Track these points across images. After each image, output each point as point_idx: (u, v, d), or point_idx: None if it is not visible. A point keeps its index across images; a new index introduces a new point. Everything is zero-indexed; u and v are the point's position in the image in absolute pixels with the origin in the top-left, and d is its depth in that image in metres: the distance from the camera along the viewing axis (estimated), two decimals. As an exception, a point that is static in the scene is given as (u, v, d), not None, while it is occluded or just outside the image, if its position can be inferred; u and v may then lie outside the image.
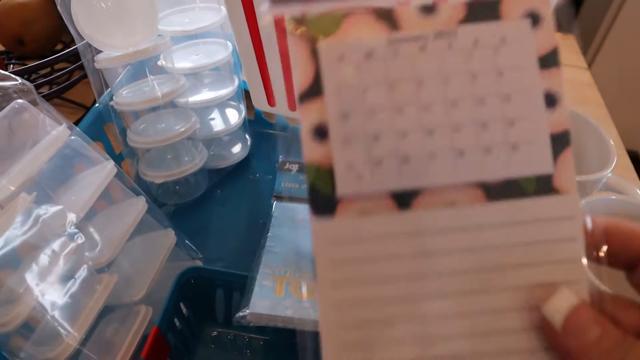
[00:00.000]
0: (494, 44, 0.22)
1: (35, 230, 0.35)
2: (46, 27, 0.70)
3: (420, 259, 0.22)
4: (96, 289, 0.38)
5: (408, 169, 0.21)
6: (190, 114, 0.53)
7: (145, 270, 0.43)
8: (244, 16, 0.47)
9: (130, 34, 0.48)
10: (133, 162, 0.56)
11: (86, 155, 0.42)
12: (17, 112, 0.38)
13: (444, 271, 0.22)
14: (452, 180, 0.22)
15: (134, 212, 0.43)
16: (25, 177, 0.35)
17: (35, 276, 0.34)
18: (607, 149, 0.42)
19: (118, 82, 0.52)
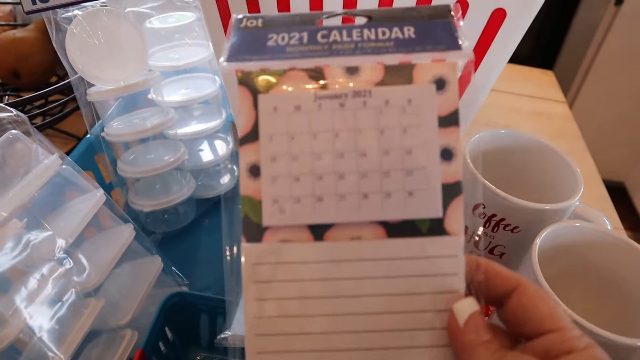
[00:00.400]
0: (402, 105, 0.25)
1: (25, 255, 0.36)
2: (41, 61, 0.73)
3: (331, 282, 0.25)
4: (83, 313, 0.39)
5: (321, 207, 0.25)
6: (179, 145, 0.55)
7: (131, 295, 0.44)
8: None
9: (122, 68, 0.50)
10: (123, 191, 0.57)
11: (77, 184, 0.43)
12: (10, 142, 0.40)
13: (350, 294, 0.25)
14: (357, 219, 0.25)
15: (122, 239, 0.44)
16: (17, 204, 0.37)
17: (23, 299, 0.35)
18: (575, 178, 0.44)
19: (109, 114, 0.54)
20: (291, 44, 0.26)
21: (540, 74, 1.05)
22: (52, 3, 0.47)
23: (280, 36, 0.26)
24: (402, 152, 0.25)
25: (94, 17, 0.48)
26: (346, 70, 0.25)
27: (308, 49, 0.26)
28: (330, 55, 0.26)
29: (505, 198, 0.41)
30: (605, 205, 0.70)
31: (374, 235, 0.25)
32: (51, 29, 0.49)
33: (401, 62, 0.25)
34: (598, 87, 1.76)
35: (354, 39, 0.26)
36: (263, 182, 0.25)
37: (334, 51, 0.26)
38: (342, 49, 0.26)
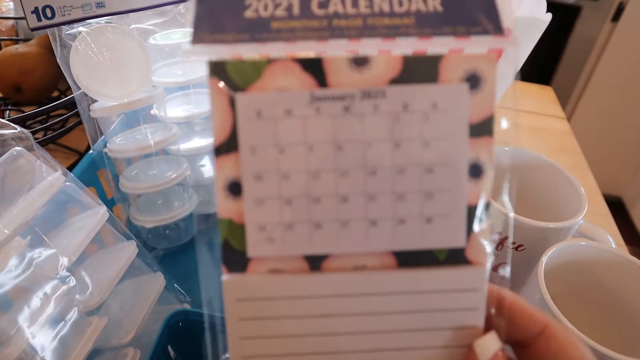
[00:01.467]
0: (424, 110, 0.20)
1: (28, 274, 0.36)
2: (44, 76, 0.73)
3: (330, 319, 0.21)
4: (85, 332, 0.38)
5: (319, 235, 0.21)
6: (181, 161, 0.55)
7: (134, 313, 0.44)
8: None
9: (125, 85, 0.50)
10: (124, 207, 0.57)
11: (80, 201, 0.43)
12: (14, 159, 0.40)
13: (352, 331, 0.22)
14: (363, 249, 0.21)
15: (125, 256, 0.44)
16: (21, 222, 0.37)
17: (26, 318, 0.35)
18: (579, 197, 0.44)
19: (112, 130, 0.54)
20: (277, 15, 0.19)
21: (540, 89, 1.05)
22: (57, 20, 0.47)
23: (262, 3, 0.20)
24: (422, 170, 0.20)
25: (99, 33, 0.48)
26: (352, 62, 0.20)
27: (301, 26, 0.19)
28: (330, 36, 0.19)
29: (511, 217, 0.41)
30: (607, 222, 0.70)
31: (381, 265, 0.21)
32: (56, 45, 0.49)
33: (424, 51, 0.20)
34: (595, 102, 1.77)
35: (361, 10, 0.20)
36: (246, 204, 0.20)
37: (336, 30, 0.19)
38: (347, 27, 0.19)
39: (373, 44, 0.19)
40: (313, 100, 0.20)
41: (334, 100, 0.20)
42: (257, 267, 0.21)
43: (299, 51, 0.19)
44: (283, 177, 0.20)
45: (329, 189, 0.20)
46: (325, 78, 0.20)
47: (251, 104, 0.20)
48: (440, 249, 0.21)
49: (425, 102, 0.20)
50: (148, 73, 0.51)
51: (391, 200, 0.21)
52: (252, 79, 0.19)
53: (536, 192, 0.50)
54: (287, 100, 0.20)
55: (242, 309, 0.21)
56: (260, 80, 0.20)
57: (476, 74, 0.20)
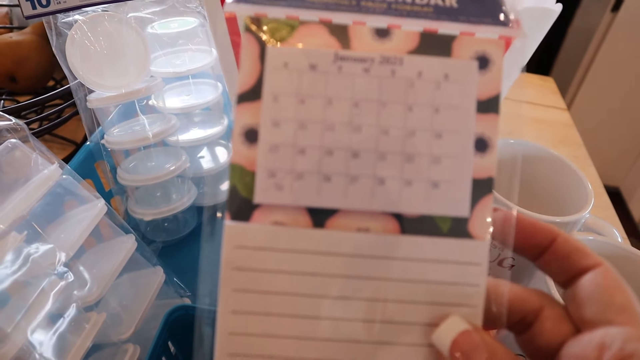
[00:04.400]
0: (437, 80, 0.21)
1: (25, 269, 0.35)
2: (39, 65, 0.71)
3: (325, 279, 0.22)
4: (84, 328, 0.38)
5: (327, 188, 0.21)
6: (180, 153, 0.54)
7: (133, 308, 0.43)
8: (234, 58, 0.48)
9: (123, 75, 0.49)
10: (122, 199, 0.56)
11: (77, 194, 0.42)
12: (9, 151, 0.39)
13: (347, 296, 0.22)
14: (369, 207, 0.21)
15: (123, 250, 0.43)
16: (17, 216, 0.36)
17: (24, 315, 0.34)
18: (585, 191, 0.44)
19: (109, 121, 0.53)
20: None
21: (540, 80, 1.05)
22: (52, 8, 0.46)
23: None
24: (431, 134, 0.21)
25: (95, 22, 0.47)
26: (375, 32, 0.22)
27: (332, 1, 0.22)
28: (358, 11, 0.22)
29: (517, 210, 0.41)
30: (609, 213, 0.69)
31: (384, 229, 0.21)
32: (51, 34, 0.48)
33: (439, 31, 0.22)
34: (594, 93, 1.77)
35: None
36: (260, 149, 0.21)
37: (363, 8, 0.22)
38: (373, 7, 0.22)
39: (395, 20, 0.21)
40: (336, 59, 0.21)
41: (356, 61, 0.21)
42: (261, 217, 0.21)
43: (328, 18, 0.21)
44: (300, 127, 0.21)
45: (342, 143, 0.21)
46: (350, 42, 0.21)
47: (280, 55, 0.21)
48: (444, 216, 0.21)
49: (438, 72, 0.21)
50: (146, 63, 0.50)
51: (400, 160, 0.21)
52: (284, 37, 0.21)
53: (541, 185, 0.49)
54: (313, 55, 0.21)
55: (239, 257, 0.21)
56: (291, 38, 0.21)
57: (485, 55, 0.21)
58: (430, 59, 0.21)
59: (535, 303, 0.22)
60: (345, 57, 0.21)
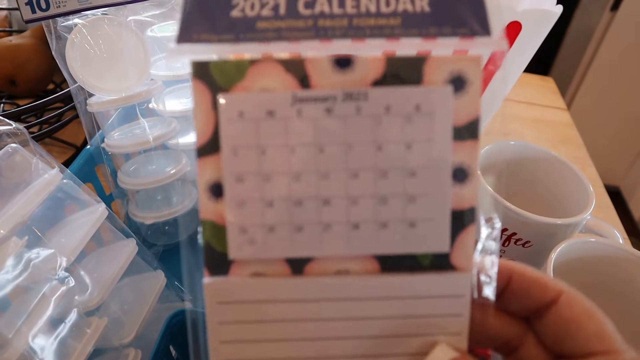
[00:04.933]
0: (407, 113, 0.20)
1: (26, 275, 0.35)
2: (39, 68, 0.71)
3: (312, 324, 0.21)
4: (86, 333, 0.38)
5: (301, 238, 0.21)
6: (181, 156, 0.54)
7: (134, 312, 0.43)
8: (234, 62, 0.48)
9: (123, 78, 0.49)
10: (123, 203, 0.56)
11: (78, 198, 0.42)
12: (10, 156, 0.39)
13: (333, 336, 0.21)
14: (345, 253, 0.21)
15: (125, 254, 0.43)
16: (17, 221, 0.36)
17: (25, 320, 0.34)
18: (586, 192, 0.44)
19: (110, 124, 0.52)
20: (263, 15, 0.19)
21: (540, 80, 1.05)
22: (52, 12, 0.46)
23: (249, 2, 0.20)
24: (405, 173, 0.20)
25: (95, 25, 0.47)
26: (335, 63, 0.19)
27: (286, 26, 0.19)
28: (315, 36, 0.19)
29: (518, 212, 0.41)
30: (609, 214, 0.69)
31: (364, 270, 0.21)
32: (51, 38, 0.47)
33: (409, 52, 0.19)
34: (593, 92, 1.77)
35: (348, 11, 0.19)
36: (227, 206, 0.20)
37: (320, 30, 0.19)
38: (332, 27, 0.19)
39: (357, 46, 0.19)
40: (295, 102, 0.20)
41: (316, 101, 0.20)
42: (239, 270, 0.21)
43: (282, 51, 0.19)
44: (264, 179, 0.20)
45: (311, 192, 0.20)
46: (308, 79, 0.20)
47: (233, 104, 0.20)
48: (424, 253, 0.21)
49: (408, 104, 0.20)
50: (146, 66, 0.50)
51: (373, 203, 0.20)
52: (235, 80, 0.20)
53: (542, 187, 0.49)
54: (269, 101, 0.20)
55: (223, 312, 0.21)
56: (244, 80, 0.20)
57: (461, 75, 0.20)
58: (398, 90, 0.20)
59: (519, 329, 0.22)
60: (304, 98, 0.20)
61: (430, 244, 0.21)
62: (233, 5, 0.20)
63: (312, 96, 0.20)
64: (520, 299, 0.22)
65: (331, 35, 0.19)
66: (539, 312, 0.21)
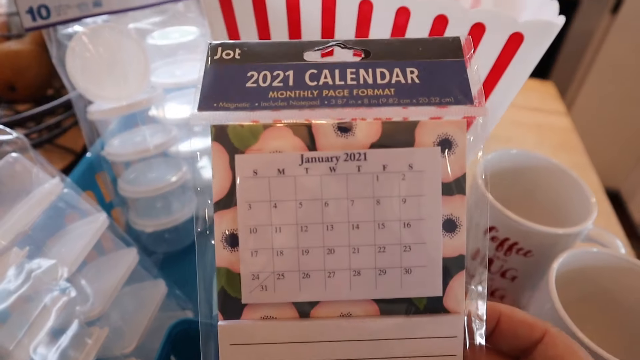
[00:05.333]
0: (401, 171, 0.22)
1: (27, 286, 0.35)
2: (38, 74, 0.71)
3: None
4: (87, 343, 0.37)
5: (308, 284, 0.23)
6: (181, 164, 0.54)
7: (136, 322, 0.43)
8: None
9: (123, 86, 0.49)
10: (123, 211, 0.56)
11: (78, 207, 0.42)
12: (10, 165, 0.39)
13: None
14: (347, 297, 0.23)
15: (126, 263, 0.43)
16: (18, 232, 0.36)
17: (26, 332, 0.34)
18: (588, 202, 0.44)
19: (109, 131, 0.52)
20: (274, 86, 0.23)
21: (540, 84, 1.05)
22: (52, 19, 0.45)
23: (262, 75, 0.23)
24: (400, 224, 0.23)
25: (96, 33, 0.47)
26: (338, 129, 0.22)
27: (295, 95, 0.22)
28: (320, 105, 0.22)
29: (519, 222, 0.41)
30: (610, 220, 0.69)
31: (365, 312, 0.23)
32: (51, 45, 0.47)
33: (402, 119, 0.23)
34: (594, 96, 1.77)
35: (348, 82, 0.23)
36: (242, 254, 0.22)
37: (325, 100, 0.22)
38: (334, 97, 0.22)
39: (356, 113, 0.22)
40: (303, 162, 0.22)
41: (321, 161, 0.22)
42: (250, 314, 0.23)
43: (291, 118, 0.22)
44: (276, 230, 0.23)
45: (317, 242, 0.23)
46: (314, 142, 0.22)
47: (248, 164, 0.22)
48: (420, 297, 0.23)
49: (402, 163, 0.22)
50: (147, 73, 0.50)
51: (373, 252, 0.23)
52: (250, 142, 0.22)
53: (544, 195, 0.49)
54: (280, 161, 0.22)
55: (235, 353, 0.23)
56: (257, 143, 0.22)
57: (448, 138, 0.22)
58: (393, 151, 0.22)
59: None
60: (311, 158, 0.22)
61: (424, 289, 0.23)
62: (248, 77, 0.23)
63: (318, 157, 0.22)
64: (509, 339, 0.23)
65: (334, 104, 0.22)
66: (526, 351, 0.23)
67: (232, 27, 0.42)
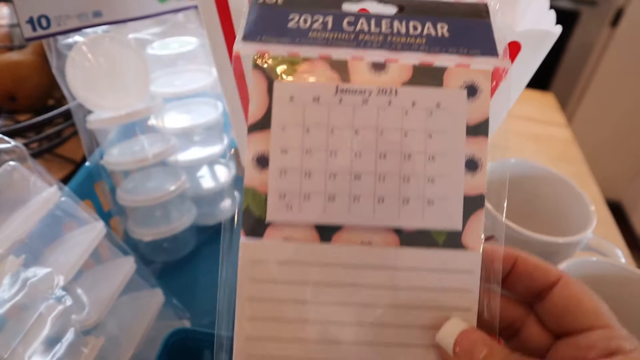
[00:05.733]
0: (429, 108, 0.24)
1: (22, 294, 0.34)
2: (39, 84, 0.71)
3: (332, 288, 0.24)
4: (82, 352, 0.37)
5: (332, 207, 0.24)
6: (179, 173, 0.54)
7: (132, 331, 0.42)
8: (233, 79, 0.49)
9: (123, 95, 0.49)
10: (122, 220, 0.56)
11: (76, 216, 0.42)
12: (8, 174, 0.39)
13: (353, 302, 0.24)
14: (370, 223, 0.24)
15: (122, 272, 0.43)
16: (15, 240, 0.36)
17: (21, 340, 0.34)
18: (587, 211, 0.44)
19: (109, 141, 0.53)
20: (314, 28, 0.24)
21: (540, 95, 1.05)
22: (52, 30, 0.46)
23: (303, 18, 0.24)
24: (425, 157, 0.24)
25: (96, 43, 0.47)
26: (372, 66, 0.24)
27: (332, 37, 0.24)
28: (356, 46, 0.24)
29: (518, 231, 0.40)
30: (610, 230, 0.69)
31: (385, 242, 0.24)
32: (51, 55, 0.48)
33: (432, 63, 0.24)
34: (594, 107, 1.77)
35: (383, 30, 0.24)
36: (271, 174, 0.23)
37: (360, 42, 0.24)
38: (370, 41, 0.24)
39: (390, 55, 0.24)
40: (337, 92, 0.24)
41: (355, 93, 0.24)
42: (273, 234, 0.24)
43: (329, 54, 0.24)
44: (306, 153, 0.24)
45: (344, 167, 0.24)
46: (349, 76, 0.24)
47: (286, 90, 0.24)
48: (439, 230, 0.24)
49: (430, 101, 0.24)
50: (146, 83, 0.50)
51: (398, 181, 0.24)
52: (288, 72, 0.24)
53: (543, 205, 0.49)
54: (316, 89, 0.24)
55: (254, 270, 0.24)
56: (296, 73, 0.24)
57: (474, 84, 0.24)
58: (422, 89, 0.24)
59: (522, 312, 0.25)
60: (345, 90, 0.24)
61: (445, 221, 0.24)
62: (289, 19, 0.24)
63: (352, 89, 0.24)
64: (525, 282, 0.24)
65: (369, 46, 0.24)
66: (541, 294, 0.24)
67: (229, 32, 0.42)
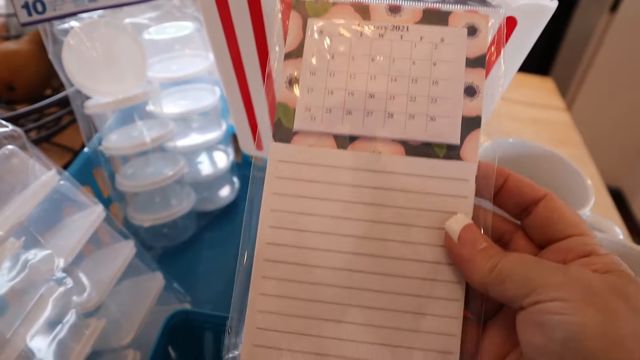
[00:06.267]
0: (435, 42, 0.28)
1: (23, 276, 0.35)
2: (36, 73, 0.71)
3: (347, 188, 0.28)
4: (84, 334, 0.37)
5: (350, 119, 0.28)
6: (178, 158, 0.54)
7: (133, 314, 0.43)
8: (231, 63, 0.48)
9: (120, 80, 0.49)
10: (121, 206, 0.56)
11: (75, 200, 0.42)
12: (6, 158, 0.39)
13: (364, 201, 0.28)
14: (381, 134, 0.28)
15: (122, 256, 0.43)
16: (14, 222, 0.36)
17: (22, 321, 0.34)
18: (585, 188, 0.44)
19: (107, 127, 0.53)
20: None
21: (539, 80, 1.04)
22: (48, 14, 0.46)
23: None
24: (430, 81, 0.28)
25: (92, 28, 0.47)
26: (389, 10, 0.29)
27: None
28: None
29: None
30: (610, 213, 0.69)
31: (393, 152, 0.28)
32: (47, 41, 0.47)
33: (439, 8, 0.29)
34: (594, 93, 1.77)
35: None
36: (300, 91, 0.28)
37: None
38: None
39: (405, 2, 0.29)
40: (359, 27, 0.29)
41: (373, 28, 0.29)
42: (299, 141, 0.28)
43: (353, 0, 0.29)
44: (330, 75, 0.29)
45: (361, 87, 0.28)
46: (369, 16, 0.29)
47: (317, 25, 0.29)
48: (440, 143, 0.27)
49: (436, 36, 0.29)
50: (143, 68, 0.50)
51: (405, 100, 0.28)
52: (320, 13, 0.29)
53: (541, 184, 0.49)
54: (341, 25, 0.29)
55: (280, 168, 0.28)
56: (326, 14, 0.29)
57: (474, 25, 0.28)
58: (430, 27, 0.29)
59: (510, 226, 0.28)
60: (365, 25, 0.29)
61: (445, 136, 0.27)
62: None
63: (371, 24, 0.29)
64: (515, 197, 0.27)
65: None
66: (528, 208, 0.27)
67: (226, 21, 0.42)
